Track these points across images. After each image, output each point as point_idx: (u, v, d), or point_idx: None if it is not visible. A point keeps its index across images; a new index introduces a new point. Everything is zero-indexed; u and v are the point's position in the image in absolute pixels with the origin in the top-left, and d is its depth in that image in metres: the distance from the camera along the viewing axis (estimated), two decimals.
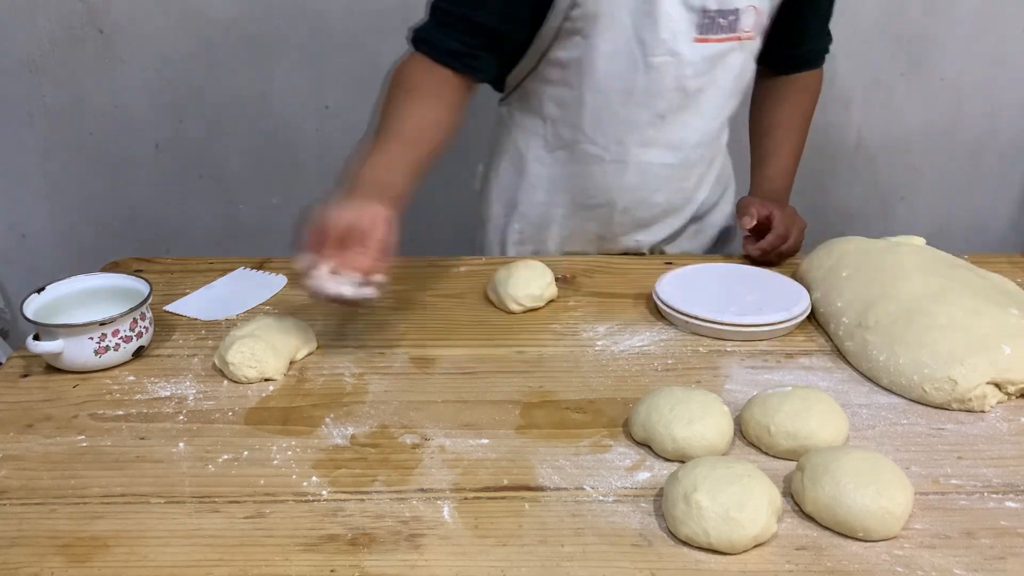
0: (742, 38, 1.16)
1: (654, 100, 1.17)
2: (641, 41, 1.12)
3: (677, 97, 1.17)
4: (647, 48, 1.12)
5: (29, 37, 1.82)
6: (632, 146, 1.21)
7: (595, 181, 1.24)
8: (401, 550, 0.71)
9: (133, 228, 2.01)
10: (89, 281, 1.05)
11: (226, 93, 1.89)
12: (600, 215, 1.28)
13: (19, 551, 0.71)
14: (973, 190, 1.98)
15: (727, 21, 1.14)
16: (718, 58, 1.16)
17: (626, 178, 1.23)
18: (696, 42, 1.13)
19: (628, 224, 1.29)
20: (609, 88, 1.16)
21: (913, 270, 1.03)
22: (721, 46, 1.15)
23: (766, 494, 0.72)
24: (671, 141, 1.21)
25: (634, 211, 1.27)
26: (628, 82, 1.15)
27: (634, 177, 1.23)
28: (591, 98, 1.17)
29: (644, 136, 1.20)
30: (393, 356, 1.02)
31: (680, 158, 1.23)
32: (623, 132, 1.20)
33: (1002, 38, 1.83)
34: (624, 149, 1.21)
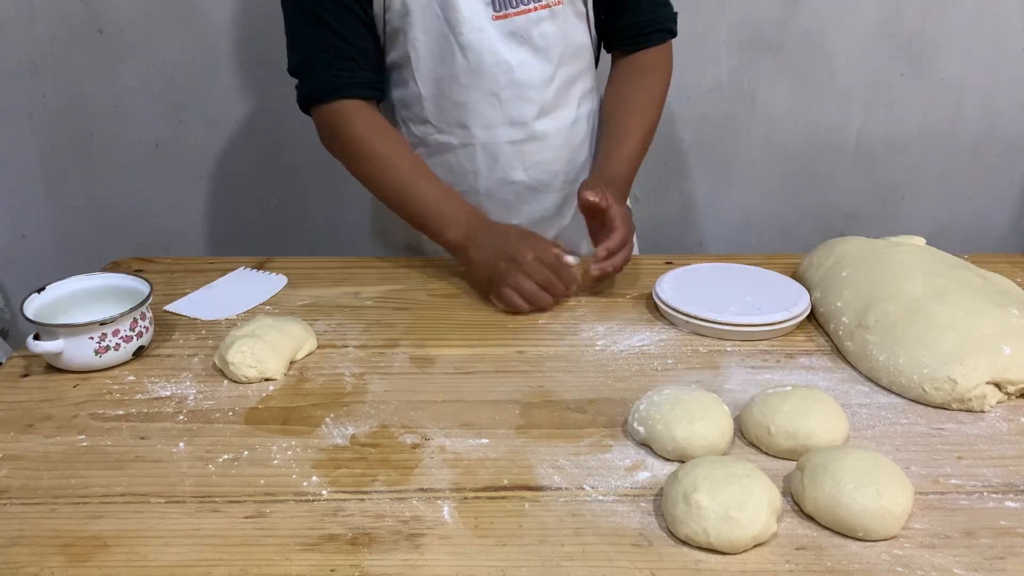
0: (551, 5, 1.18)
1: (480, 79, 1.19)
2: (449, 23, 1.16)
3: (501, 73, 1.19)
4: (455, 29, 1.16)
5: (29, 37, 1.82)
6: (475, 128, 1.23)
7: (453, 169, 1.26)
8: (401, 550, 0.71)
9: (133, 228, 2.01)
10: (89, 281, 1.05)
11: (226, 93, 1.89)
12: (469, 201, 1.26)
13: (19, 551, 0.72)
14: (973, 190, 1.98)
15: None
16: (528, 30, 1.18)
17: (478, 161, 1.25)
18: (495, 19, 1.16)
19: (498, 207, 1.28)
20: (437, 76, 1.20)
21: (913, 270, 1.03)
22: (525, 18, 1.17)
23: (766, 494, 0.72)
24: (511, 117, 1.22)
25: (497, 193, 1.27)
26: (450, 67, 1.18)
27: (485, 158, 1.25)
28: (425, 89, 1.21)
29: (484, 116, 1.22)
30: (393, 356, 1.02)
31: (525, 133, 1.24)
32: (463, 116, 1.22)
33: (1002, 38, 1.83)
34: (468, 132, 1.23)
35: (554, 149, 1.27)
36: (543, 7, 1.17)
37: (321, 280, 1.21)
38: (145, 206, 1.99)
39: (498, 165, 1.25)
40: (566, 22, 1.21)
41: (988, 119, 1.91)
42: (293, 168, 1.97)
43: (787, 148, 1.93)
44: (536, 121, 1.24)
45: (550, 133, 1.25)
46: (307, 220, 2.02)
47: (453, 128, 1.23)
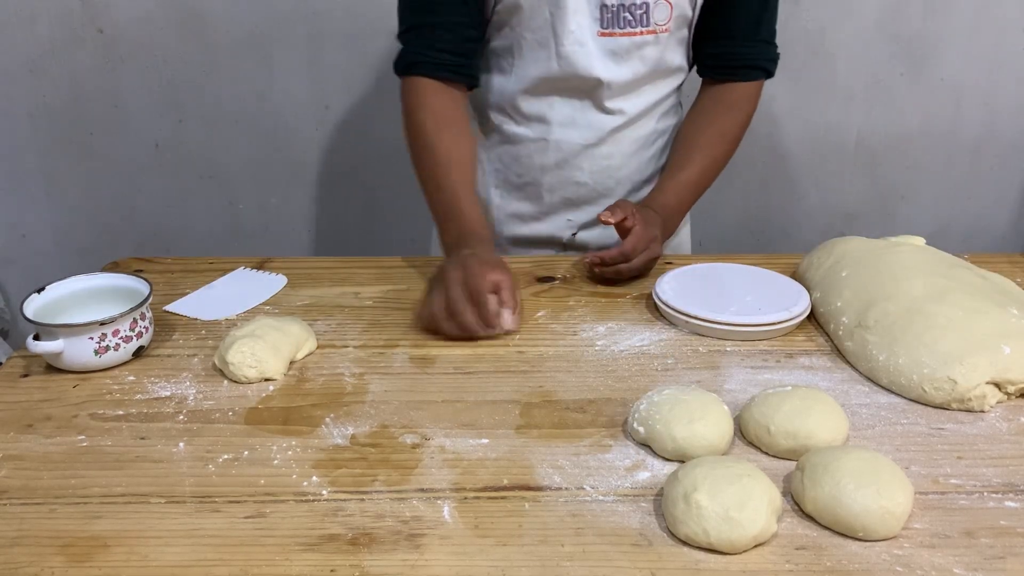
0: (657, 32, 1.19)
1: (569, 86, 1.22)
2: (555, 31, 1.18)
3: (591, 84, 1.21)
4: (559, 38, 1.18)
5: (29, 37, 1.82)
6: (554, 126, 1.26)
7: (522, 160, 1.29)
8: (401, 550, 0.71)
9: (133, 228, 2.01)
10: (89, 281, 1.05)
11: (226, 93, 1.89)
12: (529, 194, 1.32)
13: (19, 551, 0.71)
14: (973, 190, 1.98)
15: (635, 16, 1.17)
16: (629, 51, 1.20)
17: (548, 156, 1.28)
18: (600, 36, 1.18)
19: (557, 203, 1.32)
20: (530, 74, 1.23)
21: (913, 270, 1.03)
22: (630, 40, 1.19)
23: (766, 494, 0.72)
24: (590, 122, 1.26)
25: (560, 190, 1.31)
26: (544, 69, 1.21)
27: (555, 155, 1.28)
28: (519, 84, 1.24)
29: (563, 116, 1.25)
30: (393, 356, 1.02)
31: (599, 138, 1.27)
32: (546, 113, 1.25)
33: (1002, 38, 1.83)
34: (547, 128, 1.26)
35: (624, 157, 1.29)
36: (649, 32, 1.19)
37: (321, 280, 1.21)
38: (145, 206, 2.00)
39: (567, 164, 1.28)
40: (667, 48, 1.23)
41: (988, 119, 1.91)
42: (293, 168, 1.97)
43: (787, 148, 1.93)
44: (614, 131, 1.27)
45: (624, 142, 1.28)
46: (307, 220, 2.02)
47: (532, 123, 1.26)
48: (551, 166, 1.29)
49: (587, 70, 1.19)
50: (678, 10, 1.19)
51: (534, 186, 1.31)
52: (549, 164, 1.29)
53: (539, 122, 1.26)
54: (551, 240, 1.36)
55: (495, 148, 1.31)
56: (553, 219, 1.34)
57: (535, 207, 1.33)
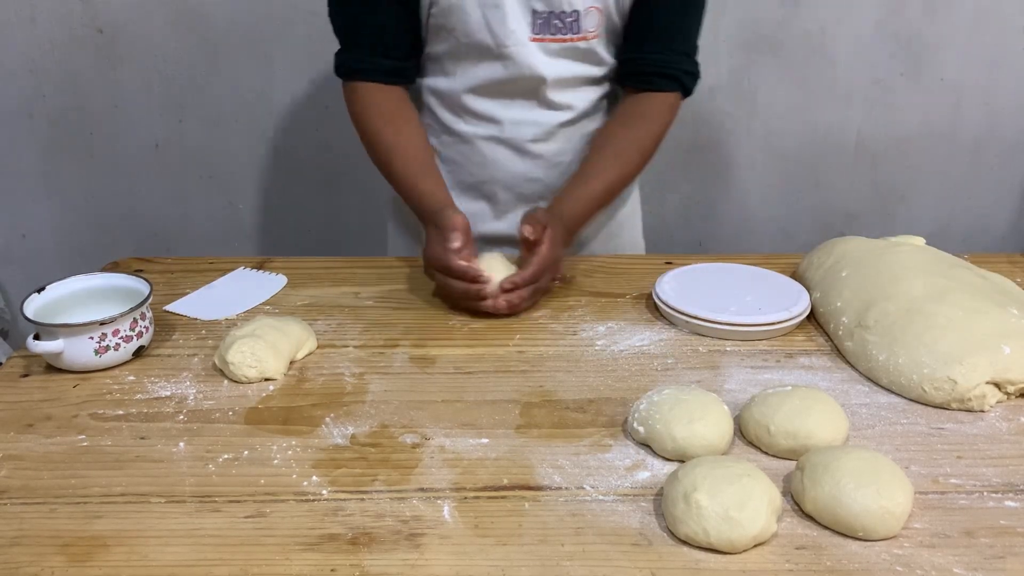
0: (588, 39, 1.21)
1: (516, 89, 1.23)
2: (493, 33, 1.18)
3: (536, 85, 1.22)
4: (499, 39, 1.18)
5: (29, 37, 1.82)
6: (505, 124, 1.26)
7: (475, 159, 1.29)
8: (401, 549, 0.71)
9: (133, 228, 2.01)
10: (89, 281, 1.05)
11: (226, 93, 1.89)
12: (484, 192, 1.32)
13: (20, 550, 0.71)
14: (973, 190, 1.98)
15: (564, 23, 1.18)
16: (561, 54, 1.21)
17: (500, 153, 1.28)
18: (532, 41, 1.19)
19: (512, 201, 1.32)
20: (478, 76, 1.23)
21: (913, 270, 1.03)
22: (560, 45, 1.20)
23: (766, 494, 0.72)
24: (538, 119, 1.26)
25: (516, 187, 1.31)
26: (490, 71, 1.22)
27: (508, 152, 1.28)
28: (463, 86, 1.24)
29: (513, 115, 1.26)
30: (393, 356, 1.02)
31: (548, 134, 1.27)
32: (496, 113, 1.26)
33: (1001, 38, 1.83)
34: (499, 127, 1.26)
35: (575, 153, 1.29)
36: (580, 39, 1.20)
37: (321, 280, 1.21)
38: (145, 206, 2.00)
39: (521, 161, 1.28)
40: (602, 51, 1.24)
41: (988, 119, 1.91)
42: (293, 168, 1.97)
43: (787, 148, 1.93)
44: (564, 127, 1.27)
45: (574, 138, 1.29)
46: (307, 220, 2.02)
47: (483, 121, 1.27)
48: (505, 162, 1.29)
49: (530, 69, 1.20)
50: (607, 17, 1.21)
51: (488, 184, 1.31)
52: (501, 161, 1.29)
53: (489, 121, 1.26)
54: (510, 239, 1.31)
55: (447, 148, 1.31)
56: (510, 217, 1.32)
57: (490, 206, 1.33)
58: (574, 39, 1.20)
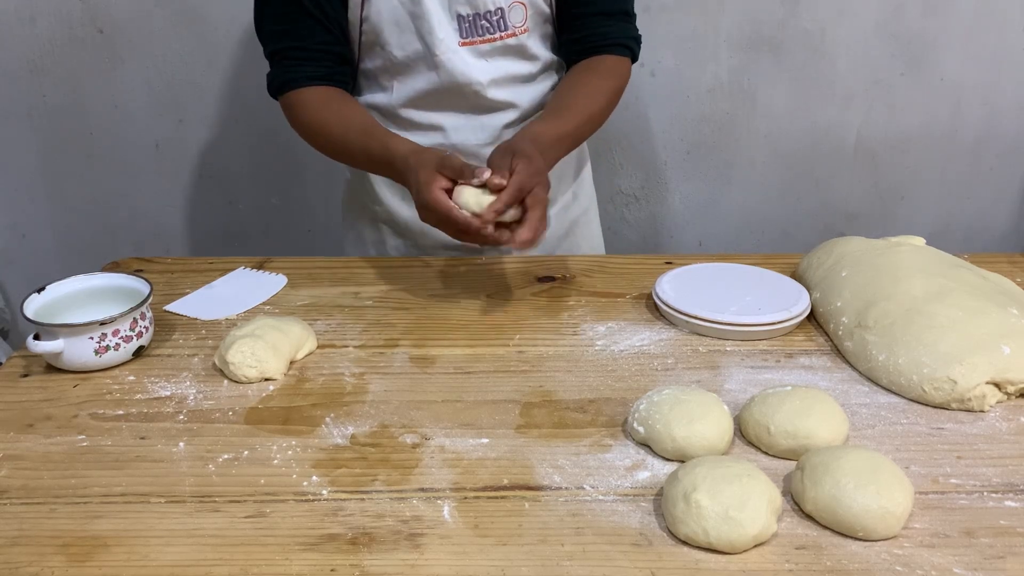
0: (517, 34, 1.21)
1: (454, 96, 1.22)
2: (424, 43, 1.18)
3: (473, 91, 1.22)
4: (430, 48, 1.18)
5: (29, 37, 1.82)
6: (448, 131, 1.25)
7: None
8: (401, 550, 0.71)
9: (133, 228, 2.01)
10: (89, 281, 1.05)
11: (226, 93, 1.89)
12: None
13: (20, 550, 0.72)
14: (973, 190, 1.98)
15: (491, 22, 1.18)
16: (493, 54, 1.21)
17: None
18: (462, 46, 1.19)
19: None
20: (414, 88, 1.22)
21: (913, 270, 1.03)
22: (491, 46, 1.20)
23: (766, 494, 0.72)
24: (483, 124, 1.25)
25: None
26: (424, 81, 1.21)
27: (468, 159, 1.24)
28: (400, 100, 1.24)
29: (455, 121, 1.25)
30: (393, 356, 1.02)
31: (494, 137, 1.26)
32: (438, 122, 1.25)
33: (1002, 38, 1.83)
34: (442, 134, 1.25)
35: None
36: (509, 36, 1.20)
37: (321, 280, 1.21)
38: (145, 206, 2.00)
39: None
40: (534, 46, 1.24)
41: (988, 119, 1.91)
42: (293, 168, 1.97)
43: (787, 148, 1.93)
44: (507, 128, 1.26)
45: None
46: (307, 220, 2.02)
47: (427, 131, 1.26)
48: None
49: (465, 75, 1.20)
50: (533, 9, 1.20)
51: None
52: None
53: (434, 130, 1.25)
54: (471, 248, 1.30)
55: None
56: None
57: None
58: (503, 36, 1.20)
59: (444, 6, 1.18)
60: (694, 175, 1.95)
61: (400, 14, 1.17)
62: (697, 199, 1.98)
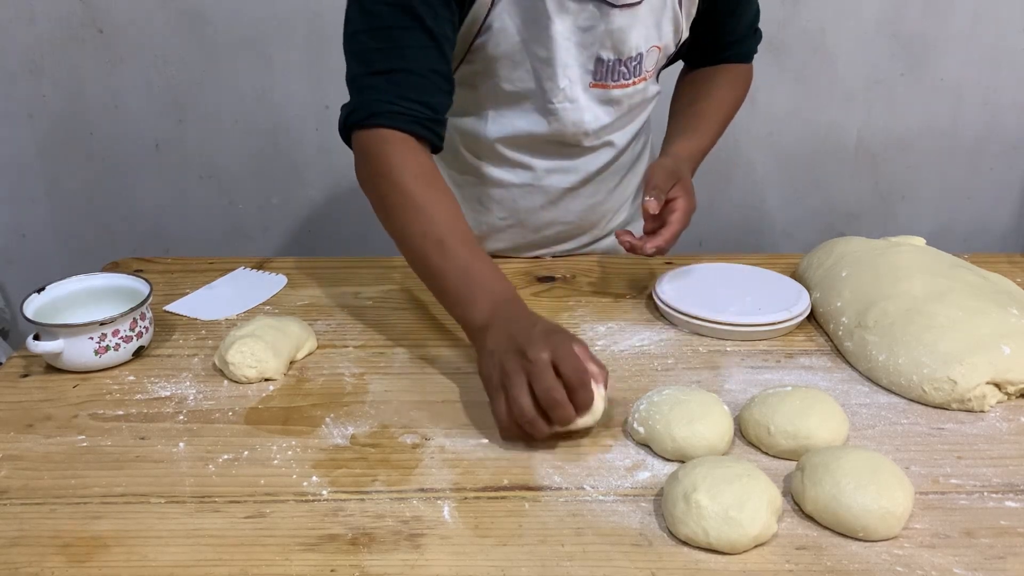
0: (647, 79, 1.17)
1: (557, 138, 1.16)
2: (542, 87, 1.11)
3: (581, 134, 1.16)
4: (547, 95, 1.11)
5: (29, 37, 1.82)
6: (539, 172, 1.20)
7: (505, 204, 1.23)
8: (401, 550, 0.71)
9: (133, 228, 2.01)
10: (89, 281, 1.05)
11: (226, 93, 1.89)
12: (514, 235, 1.27)
13: (20, 551, 0.71)
14: (973, 190, 1.98)
15: (629, 68, 1.13)
16: (619, 100, 1.16)
17: (535, 200, 1.23)
18: (592, 88, 1.13)
19: (540, 241, 1.28)
20: (513, 126, 1.15)
21: (913, 270, 1.03)
22: (621, 91, 1.15)
23: (766, 494, 0.72)
24: (577, 167, 1.21)
25: (545, 229, 1.27)
26: (530, 124, 1.14)
27: (542, 199, 1.23)
28: (497, 131, 1.15)
29: (550, 164, 1.20)
30: (393, 356, 1.02)
31: (585, 179, 1.23)
32: (531, 161, 1.19)
33: (1001, 38, 1.83)
34: (533, 175, 1.20)
35: (608, 192, 1.27)
36: (640, 80, 1.15)
37: (321, 280, 1.21)
38: (145, 206, 2.00)
39: (554, 207, 1.24)
40: (650, 85, 1.21)
41: (988, 119, 1.91)
42: (293, 168, 1.97)
43: (787, 148, 1.93)
44: (600, 173, 1.23)
45: (608, 179, 1.26)
46: (307, 220, 2.02)
47: (517, 168, 1.20)
48: (537, 208, 1.23)
49: (577, 125, 1.14)
50: (665, 51, 1.16)
51: (514, 227, 1.25)
52: (535, 207, 1.23)
53: (524, 168, 1.20)
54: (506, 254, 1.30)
55: (470, 188, 1.23)
56: (537, 251, 1.30)
57: (516, 245, 1.29)
58: (636, 82, 1.15)
59: (582, 47, 1.08)
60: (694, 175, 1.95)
61: (518, 54, 1.07)
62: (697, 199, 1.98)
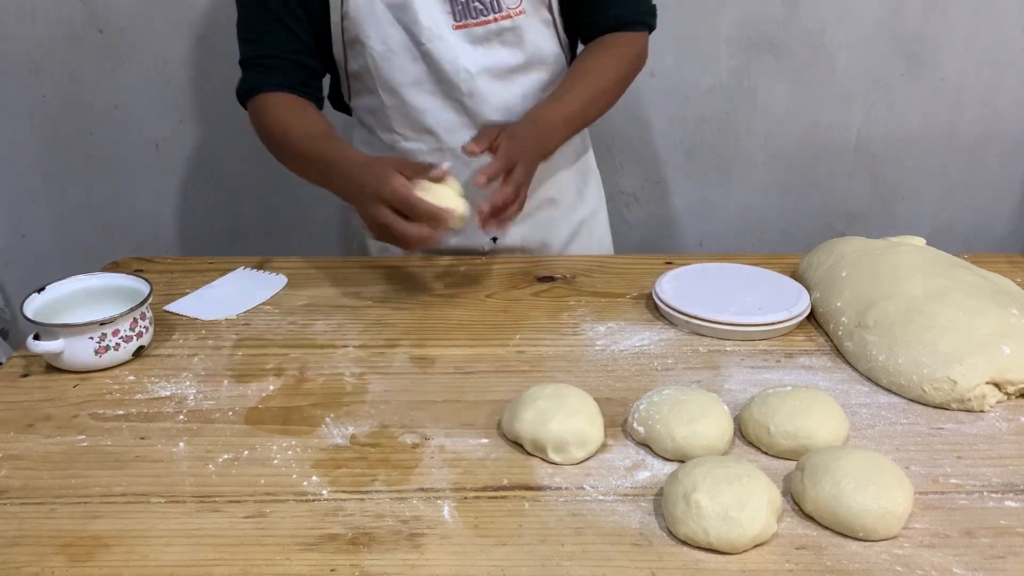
0: (512, 15, 1.17)
1: (441, 86, 1.20)
2: (409, 32, 1.16)
3: (462, 80, 1.19)
4: (415, 38, 1.16)
5: (29, 37, 1.82)
6: (441, 133, 1.23)
7: None
8: (401, 550, 0.71)
9: (133, 228, 2.01)
10: (89, 281, 1.05)
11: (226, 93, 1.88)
12: None
13: (20, 550, 0.72)
14: (973, 190, 1.98)
15: (484, 3, 1.15)
16: (489, 39, 1.18)
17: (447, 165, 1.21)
18: (456, 29, 1.16)
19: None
20: (398, 83, 1.20)
21: (913, 270, 1.03)
22: (485, 29, 1.17)
23: (766, 494, 0.72)
24: (475, 122, 1.22)
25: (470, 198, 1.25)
26: (412, 74, 1.19)
27: (454, 162, 1.20)
28: (388, 99, 1.22)
29: (448, 122, 1.22)
30: (393, 356, 1.02)
31: None
32: (428, 122, 1.23)
33: (1002, 38, 1.83)
34: (436, 138, 1.24)
35: None
36: (504, 17, 1.17)
37: (321, 280, 1.21)
38: (145, 206, 1.99)
39: (468, 170, 1.20)
40: (529, 30, 1.20)
41: (988, 119, 1.91)
42: None
43: (787, 148, 1.93)
44: None
45: None
46: (307, 220, 2.02)
47: (421, 135, 1.24)
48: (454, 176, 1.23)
49: (453, 62, 1.17)
50: None
51: None
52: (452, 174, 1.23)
53: (427, 133, 1.23)
54: (472, 250, 1.31)
55: None
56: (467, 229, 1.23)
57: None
58: (498, 18, 1.17)
59: None
60: (694, 175, 1.95)
61: (379, 6, 1.15)
62: (697, 199, 1.98)
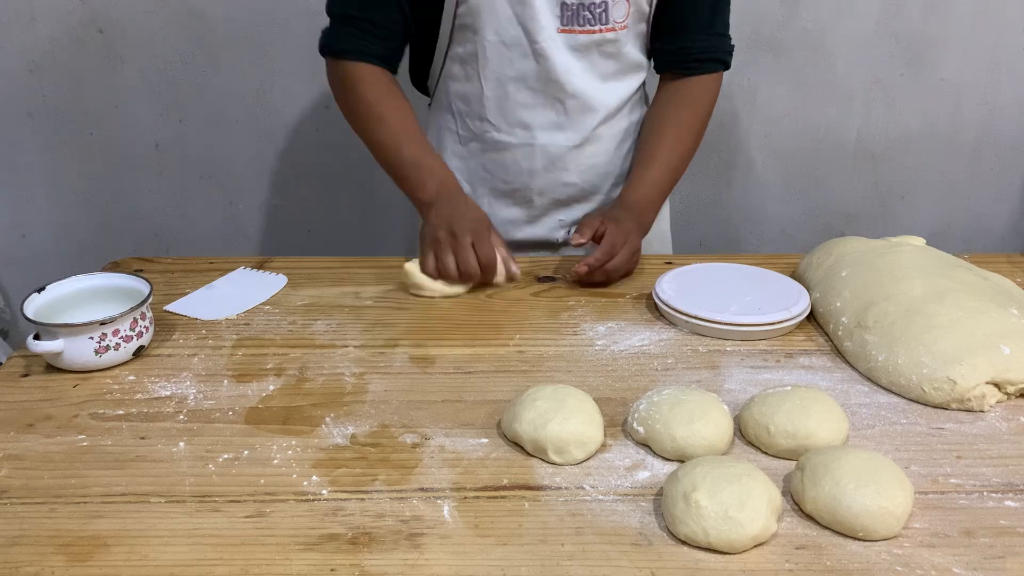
0: (616, 29, 1.21)
1: (547, 84, 1.23)
2: (525, 28, 1.19)
3: (568, 81, 1.22)
4: (531, 36, 1.19)
5: (29, 37, 1.82)
6: (537, 130, 1.26)
7: (508, 167, 1.30)
8: (401, 549, 0.71)
9: (133, 228, 2.01)
10: (89, 281, 1.05)
11: (226, 93, 1.89)
12: (518, 199, 1.32)
13: (20, 550, 0.72)
14: (973, 190, 1.98)
15: (594, 14, 1.18)
16: (589, 48, 1.21)
17: (536, 161, 1.28)
18: (560, 32, 1.19)
19: (547, 205, 1.33)
20: (504, 77, 1.23)
21: (913, 270, 1.03)
22: (588, 37, 1.20)
23: (765, 493, 0.72)
24: (574, 123, 1.26)
25: (549, 192, 1.32)
26: (520, 69, 1.22)
27: (543, 160, 1.28)
28: (490, 89, 1.24)
29: (547, 119, 1.26)
30: (393, 356, 1.02)
31: (584, 138, 1.27)
32: (527, 118, 1.26)
33: (1001, 38, 1.83)
34: (530, 134, 1.27)
35: (608, 154, 1.31)
36: (608, 30, 1.20)
37: (321, 280, 1.21)
38: (145, 206, 2.00)
39: (555, 167, 1.29)
40: (627, 43, 1.24)
41: (988, 119, 1.91)
42: (293, 168, 1.97)
43: (787, 148, 1.93)
44: (596, 129, 1.27)
45: (606, 139, 1.30)
46: (307, 220, 2.02)
47: (514, 128, 1.27)
48: (539, 170, 1.29)
49: (563, 63, 1.20)
50: (635, 7, 1.21)
51: (523, 191, 1.31)
52: (537, 168, 1.29)
53: (521, 128, 1.26)
54: (546, 243, 1.36)
55: (478, 156, 1.31)
56: (545, 221, 1.35)
57: (526, 211, 1.34)
58: (603, 30, 1.20)
59: None
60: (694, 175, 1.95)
61: (498, 2, 1.17)
62: (697, 199, 1.99)
